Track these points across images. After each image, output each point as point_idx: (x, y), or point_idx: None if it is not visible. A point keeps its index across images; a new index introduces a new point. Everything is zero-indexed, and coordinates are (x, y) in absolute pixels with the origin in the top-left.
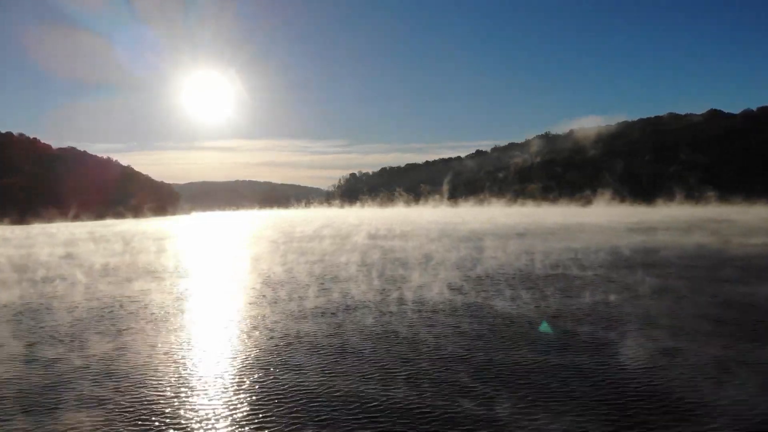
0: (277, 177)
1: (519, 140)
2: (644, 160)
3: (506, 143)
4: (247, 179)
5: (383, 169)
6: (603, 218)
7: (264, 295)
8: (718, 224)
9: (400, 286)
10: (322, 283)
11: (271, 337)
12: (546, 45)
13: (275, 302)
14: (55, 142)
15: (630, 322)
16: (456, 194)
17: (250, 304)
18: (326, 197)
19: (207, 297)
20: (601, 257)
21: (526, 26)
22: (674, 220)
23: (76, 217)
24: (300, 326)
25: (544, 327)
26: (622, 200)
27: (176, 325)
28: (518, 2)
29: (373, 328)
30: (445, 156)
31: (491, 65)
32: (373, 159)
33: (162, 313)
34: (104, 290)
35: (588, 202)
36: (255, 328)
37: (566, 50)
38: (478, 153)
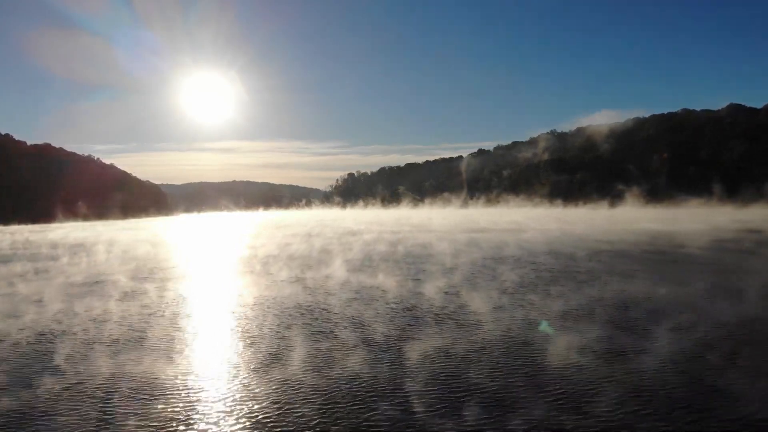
0: (276, 178)
1: (523, 139)
2: (663, 158)
3: (509, 143)
4: (246, 180)
5: (382, 169)
6: (699, 225)
7: None
8: None
9: None
10: None
11: None
12: (545, 43)
13: None
14: (56, 144)
15: None
16: (461, 193)
17: None
18: (324, 198)
19: None
20: None
21: (526, 22)
22: None
23: (23, 219)
24: None
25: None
26: (651, 200)
27: None
28: None
29: None
30: (446, 156)
31: (491, 64)
32: (372, 160)
33: None
34: None
35: (618, 200)
36: None
37: (566, 48)
38: (481, 152)
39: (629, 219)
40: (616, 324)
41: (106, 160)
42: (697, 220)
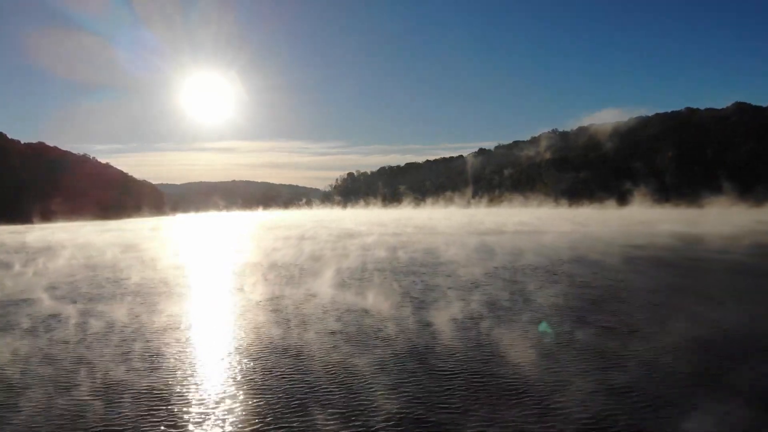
0: (276, 178)
1: (525, 138)
2: (668, 157)
3: (510, 142)
4: (245, 180)
5: (382, 169)
6: (722, 226)
7: None
8: None
9: None
10: None
11: None
12: (546, 41)
13: None
14: (56, 145)
15: None
16: (463, 193)
17: None
18: (324, 197)
19: None
20: None
21: (527, 20)
22: None
23: (15, 219)
24: None
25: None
26: (658, 200)
27: None
28: None
29: None
30: (447, 156)
31: (491, 63)
32: (372, 160)
33: None
34: None
35: (626, 199)
36: None
37: (568, 46)
38: (482, 151)
39: (643, 220)
40: (759, 397)
41: (106, 160)
42: (716, 220)
